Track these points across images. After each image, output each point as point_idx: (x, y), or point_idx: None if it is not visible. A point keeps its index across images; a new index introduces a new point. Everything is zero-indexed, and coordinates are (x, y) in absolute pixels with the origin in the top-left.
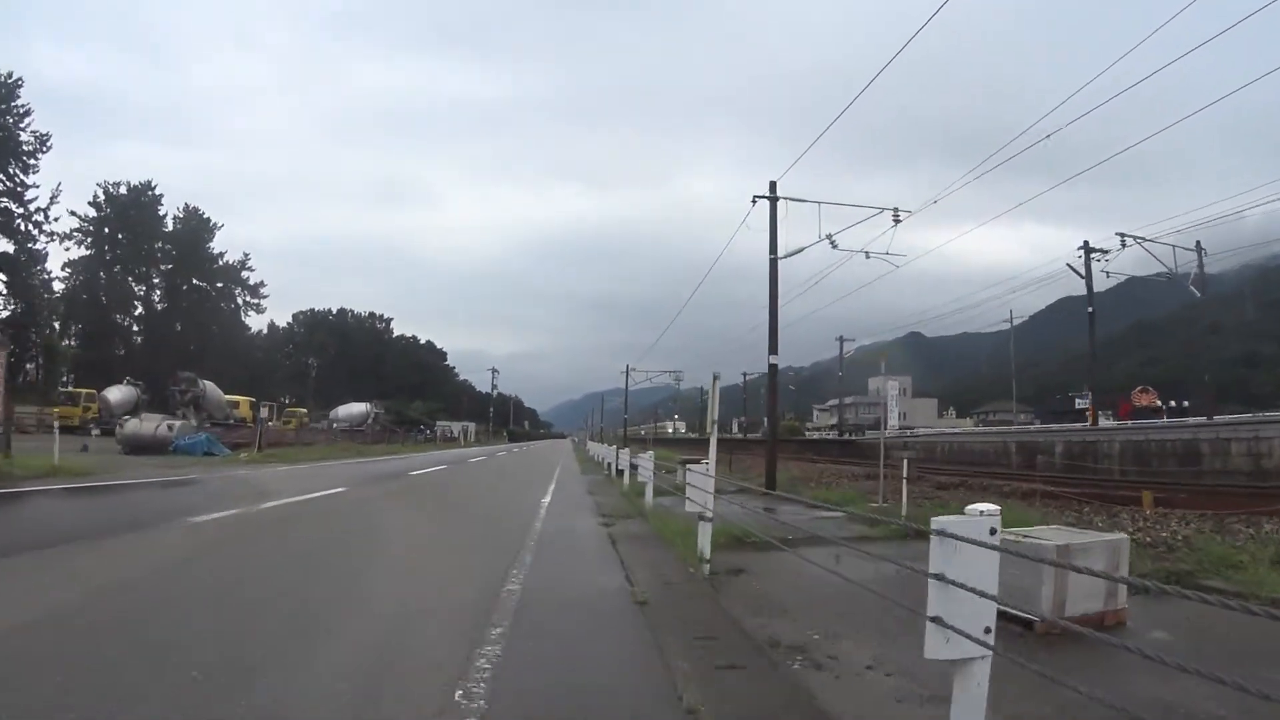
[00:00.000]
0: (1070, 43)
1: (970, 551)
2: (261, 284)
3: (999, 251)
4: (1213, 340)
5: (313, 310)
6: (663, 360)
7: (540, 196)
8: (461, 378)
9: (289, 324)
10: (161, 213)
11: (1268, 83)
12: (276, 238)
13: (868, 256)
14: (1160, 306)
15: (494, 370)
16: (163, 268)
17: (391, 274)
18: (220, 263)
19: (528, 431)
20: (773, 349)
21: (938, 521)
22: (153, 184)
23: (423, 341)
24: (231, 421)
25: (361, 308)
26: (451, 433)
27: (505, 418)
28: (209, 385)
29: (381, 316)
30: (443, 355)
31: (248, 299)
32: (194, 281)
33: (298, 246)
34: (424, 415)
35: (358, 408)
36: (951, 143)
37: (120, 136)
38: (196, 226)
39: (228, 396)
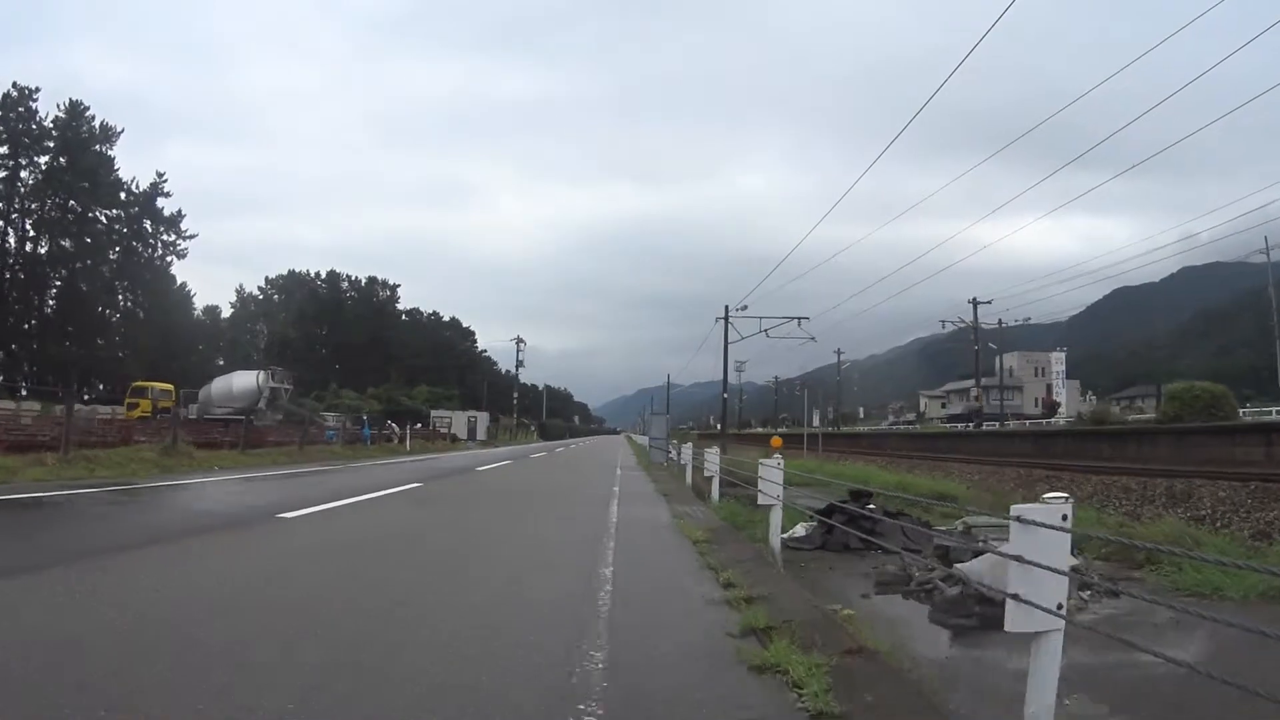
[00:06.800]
0: (1113, 41)
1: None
2: (180, 214)
3: (1052, 244)
4: None
5: (291, 272)
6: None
7: (592, 193)
8: (505, 370)
9: (261, 289)
10: (34, 106)
11: None
12: (328, 238)
13: None
14: (1220, 294)
15: (519, 341)
16: (27, 183)
17: (442, 271)
18: (123, 187)
19: (576, 427)
20: None
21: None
22: None
23: (445, 318)
24: None
25: (360, 272)
26: (447, 427)
27: (540, 410)
28: None
29: (385, 283)
30: (469, 334)
31: (165, 238)
32: (88, 213)
33: (348, 247)
34: (423, 404)
35: (243, 380)
36: (1004, 138)
37: (170, 137)
38: (85, 133)
39: None
